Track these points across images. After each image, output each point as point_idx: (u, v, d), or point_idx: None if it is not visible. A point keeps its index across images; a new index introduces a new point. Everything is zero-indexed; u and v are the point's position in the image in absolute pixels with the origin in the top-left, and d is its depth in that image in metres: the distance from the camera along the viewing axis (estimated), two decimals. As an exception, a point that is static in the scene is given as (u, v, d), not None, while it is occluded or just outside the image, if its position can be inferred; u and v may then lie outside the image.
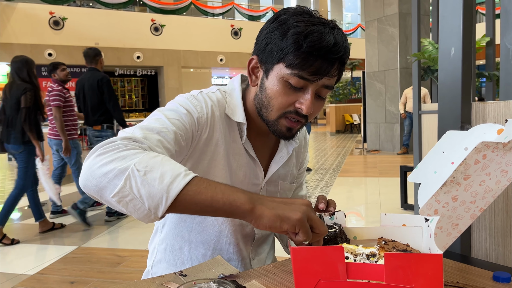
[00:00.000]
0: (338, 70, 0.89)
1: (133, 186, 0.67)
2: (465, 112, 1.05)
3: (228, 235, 1.03)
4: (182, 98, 0.96)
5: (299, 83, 0.87)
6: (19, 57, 4.19)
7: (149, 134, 0.80)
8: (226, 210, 0.69)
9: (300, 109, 0.89)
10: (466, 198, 0.65)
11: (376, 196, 5.25)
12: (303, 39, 0.83)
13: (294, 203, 0.71)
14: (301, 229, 0.69)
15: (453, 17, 1.06)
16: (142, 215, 0.69)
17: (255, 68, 0.95)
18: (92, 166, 0.70)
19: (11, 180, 7.64)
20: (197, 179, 0.70)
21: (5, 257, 3.55)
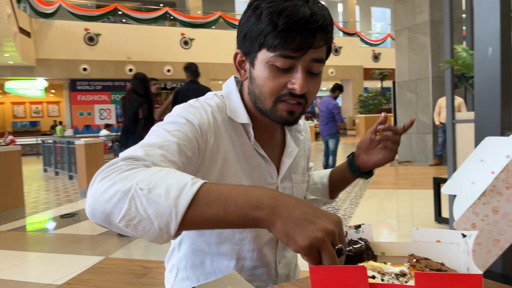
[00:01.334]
0: (323, 40, 0.83)
1: (139, 206, 0.62)
2: (506, 117, 0.96)
3: (250, 242, 0.98)
4: (179, 109, 0.91)
5: (285, 63, 0.82)
6: (138, 75, 4.83)
7: (150, 151, 0.75)
8: (240, 223, 0.63)
9: (294, 90, 0.84)
10: (509, 210, 0.57)
11: (408, 209, 5.06)
12: (277, 17, 0.79)
13: (314, 222, 0.59)
14: (305, 256, 0.60)
15: (490, 15, 0.98)
16: (154, 236, 0.63)
17: (241, 62, 0.92)
18: (95, 193, 0.65)
19: (46, 190, 7.86)
20: (206, 188, 0.63)
21: (33, 266, 3.61)
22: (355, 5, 24.89)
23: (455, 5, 8.21)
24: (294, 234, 0.59)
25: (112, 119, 18.64)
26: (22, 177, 5.76)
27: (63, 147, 9.66)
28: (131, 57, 17.86)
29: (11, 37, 11.92)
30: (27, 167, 12.60)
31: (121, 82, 18.57)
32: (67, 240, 4.37)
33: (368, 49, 23.93)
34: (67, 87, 18.50)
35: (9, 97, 20.58)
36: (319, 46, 0.83)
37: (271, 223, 0.61)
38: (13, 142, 14.70)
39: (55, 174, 10.23)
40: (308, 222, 0.59)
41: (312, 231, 0.57)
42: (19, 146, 6.02)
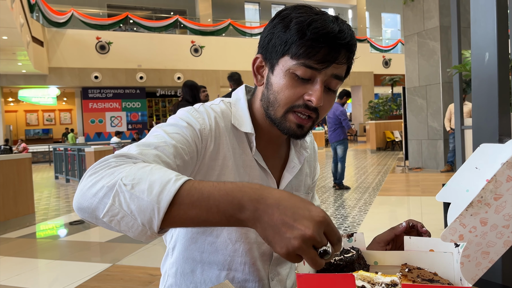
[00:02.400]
0: (346, 58, 0.84)
1: (122, 202, 0.61)
2: (504, 124, 0.94)
3: (243, 254, 0.96)
4: (183, 112, 0.91)
5: (307, 73, 0.82)
6: (188, 82, 4.94)
7: (145, 150, 0.75)
8: (224, 224, 0.62)
9: (310, 101, 0.83)
10: (498, 221, 0.55)
11: (418, 216, 4.99)
12: (306, 27, 0.80)
13: (292, 227, 0.56)
14: (287, 259, 0.59)
15: (486, 20, 0.96)
16: (137, 233, 0.62)
17: (260, 67, 0.92)
18: (83, 188, 0.65)
19: (57, 197, 7.94)
20: (188, 186, 0.62)
21: (42, 273, 3.63)
22: (365, 11, 24.85)
23: (465, 10, 8.14)
24: (272, 241, 0.58)
25: (123, 126, 18.81)
26: (32, 184, 5.82)
27: (74, 154, 9.76)
28: (142, 65, 18.04)
29: (24, 46, 12.13)
30: (39, 175, 12.75)
31: (132, 89, 18.76)
32: (76, 247, 4.40)
33: (378, 55, 23.84)
34: (79, 95, 18.76)
35: (22, 105, 20.91)
36: (342, 63, 0.84)
37: (253, 226, 0.60)
38: (25, 150, 14.90)
39: (66, 181, 10.33)
40: (286, 227, 0.56)
41: (289, 239, 0.56)
42: (29, 153, 6.10)
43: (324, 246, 0.56)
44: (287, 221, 0.57)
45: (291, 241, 0.56)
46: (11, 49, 12.46)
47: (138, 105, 19.12)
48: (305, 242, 0.55)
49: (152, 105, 21.84)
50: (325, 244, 0.56)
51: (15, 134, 20.75)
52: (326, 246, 0.56)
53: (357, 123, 23.34)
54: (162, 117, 22.16)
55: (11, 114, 21.06)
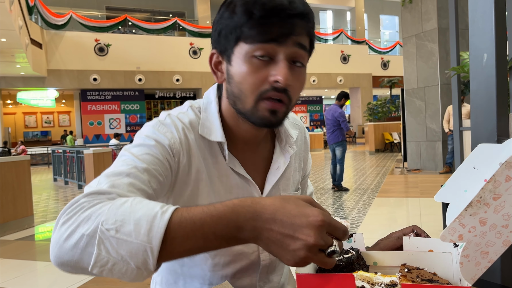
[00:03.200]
0: (304, 29, 0.77)
1: (110, 249, 0.56)
2: (502, 124, 0.95)
3: (224, 267, 0.90)
4: (148, 127, 0.84)
5: (266, 50, 0.75)
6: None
7: (116, 181, 0.68)
8: (225, 246, 0.59)
9: (277, 81, 0.75)
10: (497, 221, 0.55)
11: (417, 218, 5.00)
12: (252, 6, 0.74)
13: (294, 238, 0.54)
14: (299, 267, 0.57)
15: (484, 21, 0.97)
16: (133, 276, 0.57)
17: (217, 63, 0.85)
18: (58, 240, 0.58)
19: (55, 200, 7.92)
20: (177, 217, 0.57)
21: (41, 276, 3.62)
22: (363, 13, 24.91)
23: (463, 12, 8.16)
24: (278, 255, 0.56)
25: (121, 128, 18.80)
26: (31, 186, 5.81)
27: (72, 156, 9.76)
28: (141, 67, 18.06)
29: (23, 49, 12.12)
30: (37, 177, 12.73)
31: (131, 91, 18.76)
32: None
33: (377, 57, 23.89)
34: (78, 97, 18.75)
35: (21, 107, 20.91)
36: (300, 34, 0.77)
37: (255, 242, 0.58)
38: (24, 152, 14.89)
39: (64, 183, 10.32)
40: (288, 240, 0.54)
41: (294, 251, 0.54)
42: (28, 156, 6.09)
43: (331, 247, 0.55)
44: (287, 233, 0.55)
45: (297, 253, 0.54)
46: (9, 51, 12.46)
47: (137, 107, 19.12)
48: (310, 251, 0.54)
49: (151, 107, 21.85)
50: (331, 244, 0.55)
51: (13, 136, 20.73)
52: (333, 246, 0.55)
53: (356, 125, 23.37)
54: (161, 119, 22.19)
55: (10, 116, 21.04)
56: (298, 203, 0.56)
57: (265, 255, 0.94)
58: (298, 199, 0.57)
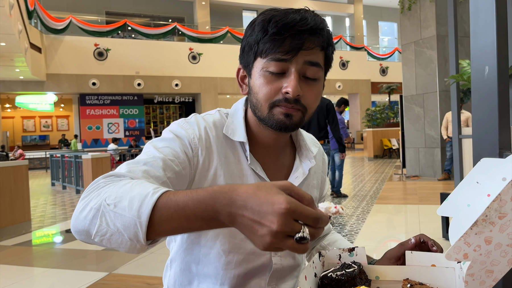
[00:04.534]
0: (315, 43, 0.84)
1: (109, 221, 0.65)
2: (504, 137, 0.94)
3: (236, 267, 0.94)
4: (174, 124, 0.94)
5: (278, 66, 0.84)
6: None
7: (134, 167, 0.78)
8: (207, 228, 0.63)
9: (287, 93, 0.83)
10: (502, 240, 0.55)
11: (416, 225, 4.99)
12: (267, 24, 0.83)
13: (261, 224, 0.56)
14: (272, 251, 0.60)
15: (486, 33, 0.97)
16: (127, 247, 0.65)
17: (243, 77, 0.95)
18: (76, 211, 0.69)
19: (53, 204, 7.89)
20: (164, 198, 0.63)
21: (38, 282, 3.60)
22: (362, 19, 25.02)
23: (462, 20, 8.21)
24: (250, 240, 0.59)
25: (120, 133, 18.78)
26: (28, 191, 5.79)
27: (70, 161, 9.73)
28: (140, 72, 18.07)
29: (22, 53, 12.12)
30: (35, 181, 12.69)
31: (130, 96, 18.76)
32: (72, 255, 4.37)
33: (375, 63, 23.96)
34: (77, 101, 18.73)
35: (19, 111, 20.88)
36: (310, 48, 0.84)
37: (232, 226, 0.61)
38: (22, 156, 14.85)
39: (62, 188, 10.28)
40: (256, 225, 0.57)
41: (261, 237, 0.56)
42: (26, 160, 6.07)
43: (298, 233, 0.55)
44: (255, 219, 0.57)
45: (264, 238, 0.56)
46: (9, 56, 12.46)
47: (136, 111, 19.11)
48: (275, 237, 0.55)
49: (150, 112, 21.84)
50: (298, 231, 0.55)
51: (11, 140, 20.68)
52: (301, 232, 0.55)
53: (355, 131, 23.40)
54: (160, 123, 22.15)
55: (8, 120, 21.01)
56: (270, 191, 0.58)
57: (277, 259, 0.98)
58: (273, 186, 0.59)
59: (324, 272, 0.80)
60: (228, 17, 22.11)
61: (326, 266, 0.84)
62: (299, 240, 0.55)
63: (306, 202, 0.58)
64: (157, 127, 21.95)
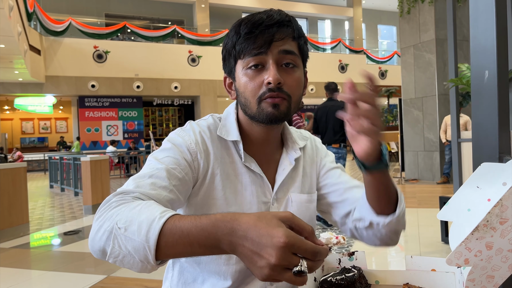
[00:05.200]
0: (285, 34, 0.91)
1: (121, 244, 0.69)
2: (504, 142, 0.94)
3: (237, 262, 0.96)
4: (171, 134, 0.99)
5: (255, 60, 0.90)
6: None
7: (141, 182, 0.83)
8: (208, 253, 0.66)
9: (269, 83, 0.89)
10: (503, 245, 0.55)
11: (415, 228, 4.98)
12: (239, 27, 0.92)
13: (260, 256, 0.57)
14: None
15: (486, 37, 0.97)
16: (139, 268, 0.69)
17: (230, 84, 1.01)
18: (92, 232, 0.74)
19: (51, 207, 7.87)
20: (170, 223, 0.66)
21: (35, 285, 3.58)
22: (361, 23, 25.07)
23: (461, 24, 8.23)
24: (250, 269, 0.61)
25: (119, 135, 18.76)
26: (27, 193, 5.77)
27: (69, 163, 9.70)
28: (139, 74, 18.06)
29: (21, 55, 12.11)
30: (33, 183, 12.66)
31: (129, 98, 18.74)
32: (71, 258, 4.35)
33: (374, 66, 23.99)
34: (75, 104, 18.70)
35: (18, 113, 20.84)
36: (282, 38, 0.90)
37: (233, 254, 0.63)
38: (20, 158, 14.81)
39: (61, 191, 10.25)
40: (256, 256, 0.58)
41: (260, 268, 0.58)
42: (25, 163, 6.05)
43: (296, 267, 0.55)
44: (255, 251, 0.58)
45: (262, 270, 0.58)
46: (8, 57, 12.45)
47: (135, 114, 19.09)
48: (273, 270, 0.56)
49: (149, 114, 21.82)
50: (296, 264, 0.56)
51: (10, 142, 20.64)
52: (299, 266, 0.55)
53: (353, 134, 23.38)
54: (159, 126, 22.13)
55: (7, 122, 20.97)
56: (270, 223, 0.59)
57: None
58: (273, 217, 0.59)
59: (323, 276, 0.79)
60: (227, 20, 22.12)
61: (326, 270, 0.83)
62: (297, 273, 0.56)
63: (306, 234, 0.60)
64: (156, 130, 21.93)
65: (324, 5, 24.53)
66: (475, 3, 1.02)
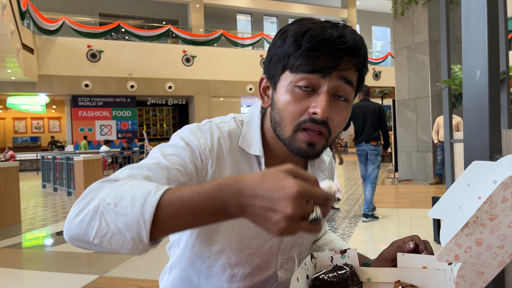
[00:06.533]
0: (351, 64, 0.79)
1: (109, 221, 0.62)
2: (494, 141, 0.95)
3: (241, 281, 0.92)
4: (186, 130, 0.88)
5: (309, 82, 0.78)
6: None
7: (136, 171, 0.74)
8: (214, 222, 0.62)
9: (315, 113, 0.77)
10: (493, 242, 0.55)
11: (407, 228, 5.01)
12: (301, 37, 0.77)
13: (274, 210, 0.56)
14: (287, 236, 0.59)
15: (477, 38, 0.98)
16: (129, 248, 0.62)
17: (265, 88, 0.89)
18: (70, 216, 0.66)
19: (44, 207, 7.82)
20: (169, 194, 0.62)
21: (28, 285, 3.56)
22: (355, 24, 25.16)
23: (454, 25, 8.29)
24: (264, 227, 0.58)
25: (112, 135, 18.68)
26: (19, 193, 5.73)
27: (62, 163, 9.65)
28: (133, 74, 18.00)
29: (14, 53, 12.02)
30: (26, 183, 12.57)
31: (123, 98, 18.67)
32: (63, 258, 4.33)
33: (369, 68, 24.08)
34: (69, 103, 18.60)
35: (10, 112, 20.68)
36: (347, 69, 0.79)
37: (241, 217, 0.60)
38: (13, 158, 14.70)
39: (53, 190, 10.19)
40: (270, 212, 0.56)
41: (276, 223, 0.56)
42: (17, 162, 6.02)
43: (312, 214, 0.56)
44: (268, 206, 0.56)
45: (279, 224, 0.56)
46: (0, 56, 12.34)
47: (129, 113, 19.02)
48: (290, 221, 0.55)
49: (143, 114, 21.75)
50: (311, 211, 0.56)
51: (2, 141, 20.48)
52: (314, 213, 0.56)
53: (348, 134, 23.48)
54: (153, 126, 22.07)
55: (-1, 121, 20.82)
56: (277, 177, 0.57)
57: (282, 272, 0.96)
58: (278, 171, 0.59)
59: (316, 274, 0.80)
60: (222, 20, 22.11)
61: (318, 268, 0.84)
62: (313, 221, 0.56)
63: (312, 183, 0.58)
64: (150, 130, 21.87)
65: (318, 6, 24.60)
66: (467, 5, 1.03)
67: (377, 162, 5.54)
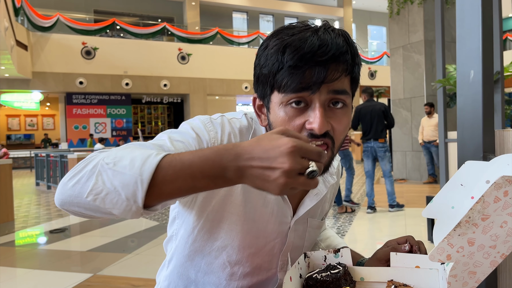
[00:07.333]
0: (339, 71, 0.75)
1: (106, 180, 0.62)
2: (487, 141, 0.96)
3: (240, 280, 0.92)
4: (198, 120, 0.86)
5: (299, 97, 0.75)
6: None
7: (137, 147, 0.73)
8: (211, 187, 0.62)
9: (312, 130, 0.75)
10: (485, 242, 0.55)
11: (402, 228, 5.03)
12: (282, 55, 0.74)
13: (272, 168, 0.57)
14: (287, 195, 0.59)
15: (471, 38, 0.98)
16: (122, 209, 0.62)
17: (260, 106, 0.86)
18: (63, 180, 0.66)
19: (37, 205, 7.77)
20: (169, 158, 0.62)
21: (21, 283, 3.54)
22: (351, 23, 25.21)
23: (449, 25, 8.32)
24: (264, 189, 0.59)
25: (107, 132, 18.61)
26: (12, 191, 5.70)
27: (56, 160, 9.60)
28: (128, 71, 17.93)
29: (8, 50, 11.93)
30: (19, 181, 12.50)
31: (118, 96, 18.59)
32: (56, 256, 4.30)
33: (364, 67, 24.02)
34: (63, 100, 18.49)
35: (4, 109, 20.54)
36: (335, 79, 0.75)
37: (241, 182, 0.61)
38: (6, 155, 14.60)
39: (47, 188, 10.14)
40: (268, 171, 0.57)
41: (275, 180, 0.57)
42: (10, 159, 5.98)
43: (308, 168, 0.57)
44: (266, 166, 0.57)
45: (278, 181, 0.57)
46: (-6, 53, 12.26)
47: (123, 111, 18.95)
48: (289, 176, 0.56)
49: (138, 112, 21.68)
50: (307, 166, 0.57)
51: (-5, 138, 20.33)
52: (310, 167, 0.57)
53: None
54: (148, 124, 22.00)
55: (-8, 119, 20.66)
56: (271, 137, 0.59)
57: (283, 274, 0.95)
58: (272, 133, 0.61)
59: (309, 273, 0.80)
60: (218, 18, 22.07)
61: (312, 267, 0.84)
62: (309, 174, 0.57)
63: (304, 141, 0.60)
64: (145, 128, 21.80)
65: (314, 5, 24.61)
66: (461, 5, 1.03)
67: (387, 157, 5.98)
